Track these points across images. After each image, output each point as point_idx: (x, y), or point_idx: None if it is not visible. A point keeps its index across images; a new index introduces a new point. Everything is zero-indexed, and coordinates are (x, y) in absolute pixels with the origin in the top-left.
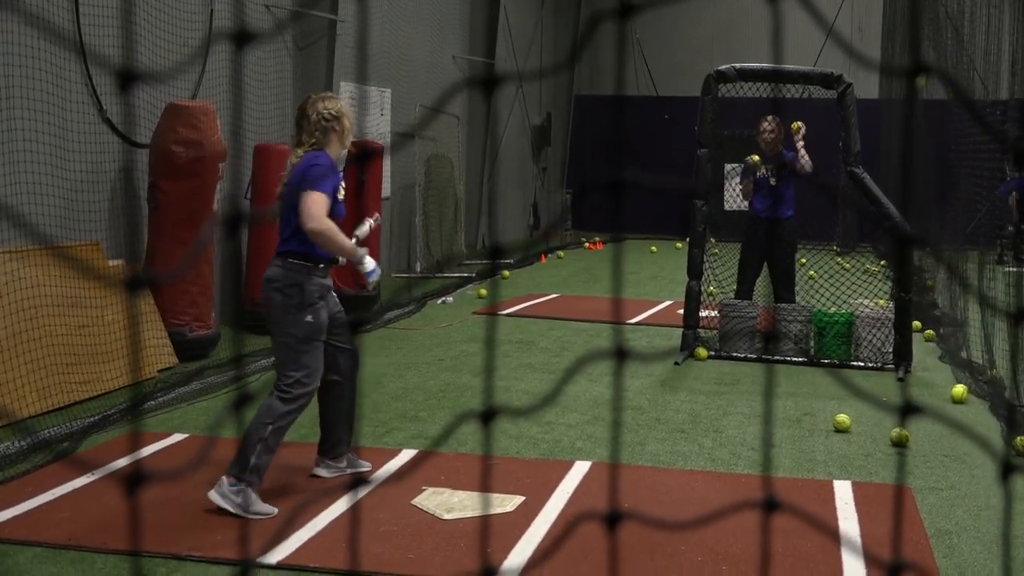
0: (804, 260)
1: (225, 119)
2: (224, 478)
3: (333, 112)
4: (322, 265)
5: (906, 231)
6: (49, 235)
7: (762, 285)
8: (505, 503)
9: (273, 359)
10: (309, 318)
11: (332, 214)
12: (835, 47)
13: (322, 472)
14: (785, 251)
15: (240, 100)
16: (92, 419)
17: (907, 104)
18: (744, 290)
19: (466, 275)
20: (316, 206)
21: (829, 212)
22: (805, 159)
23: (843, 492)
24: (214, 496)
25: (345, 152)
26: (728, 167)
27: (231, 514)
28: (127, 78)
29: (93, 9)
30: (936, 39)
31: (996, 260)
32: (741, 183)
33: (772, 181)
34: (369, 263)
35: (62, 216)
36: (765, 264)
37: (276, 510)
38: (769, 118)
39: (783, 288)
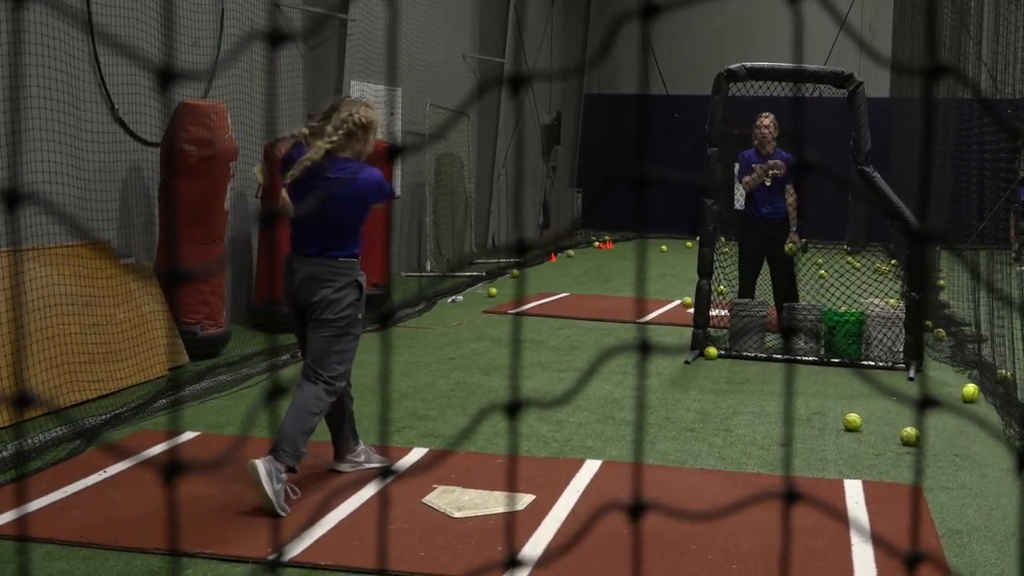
0: (821, 260)
1: (236, 118)
2: (278, 463)
3: (365, 120)
4: None
5: (918, 227)
6: (60, 233)
7: (766, 282)
8: (515, 502)
9: (297, 354)
10: (360, 315)
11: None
12: (846, 45)
13: (344, 468)
14: (783, 252)
15: (251, 99)
16: (103, 417)
17: (922, 102)
18: (745, 289)
19: (476, 274)
20: None
21: (838, 210)
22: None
23: (854, 491)
24: (261, 470)
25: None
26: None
27: (240, 512)
28: (166, 78)
29: (105, 8)
30: (949, 37)
31: (1014, 257)
32: (740, 179)
33: (767, 183)
34: None
35: (73, 215)
36: (766, 262)
37: (288, 508)
38: (767, 115)
39: (785, 287)
